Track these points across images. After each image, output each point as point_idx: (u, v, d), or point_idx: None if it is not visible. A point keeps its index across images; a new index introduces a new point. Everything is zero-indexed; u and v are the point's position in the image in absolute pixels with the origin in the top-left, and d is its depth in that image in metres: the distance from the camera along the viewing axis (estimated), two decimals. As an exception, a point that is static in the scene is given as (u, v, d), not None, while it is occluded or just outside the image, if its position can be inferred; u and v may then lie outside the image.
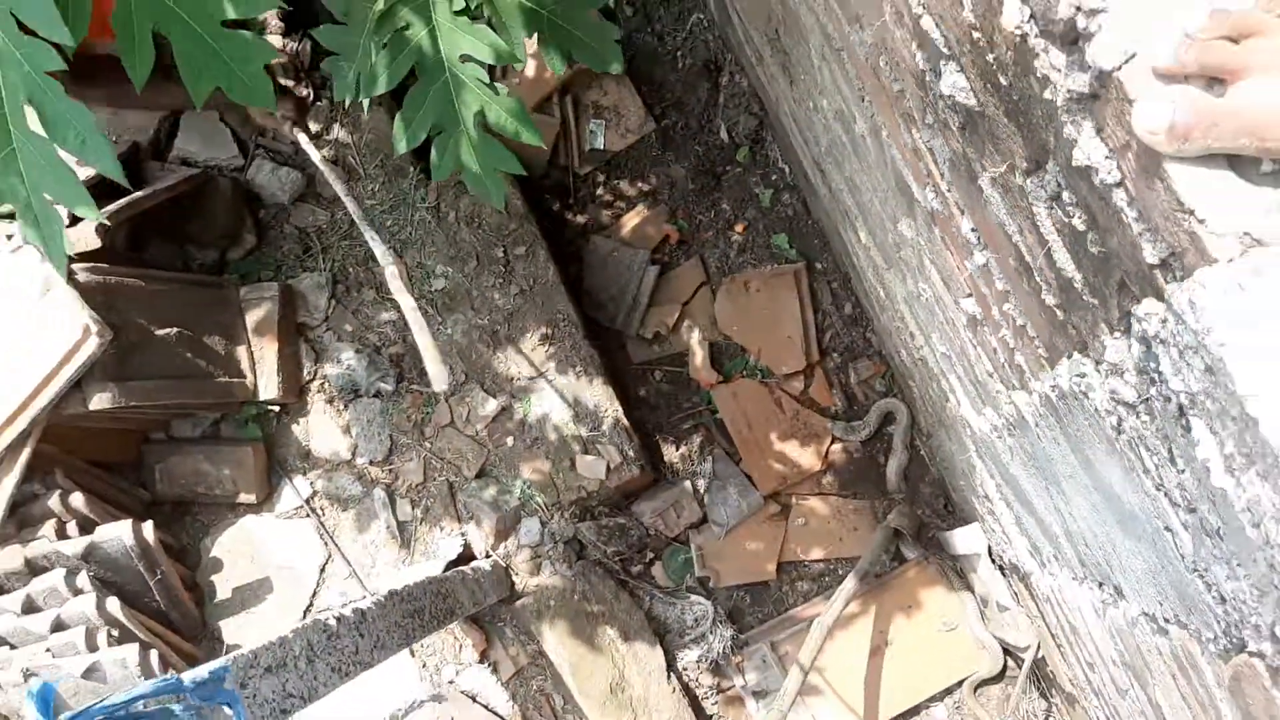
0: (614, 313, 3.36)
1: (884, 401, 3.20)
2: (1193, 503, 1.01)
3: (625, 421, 3.08)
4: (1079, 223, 0.99)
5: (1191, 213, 0.78)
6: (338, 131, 3.17)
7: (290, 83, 2.72)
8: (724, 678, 3.11)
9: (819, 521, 3.23)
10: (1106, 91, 0.81)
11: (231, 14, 1.40)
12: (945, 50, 1.12)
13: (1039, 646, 2.73)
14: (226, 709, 1.39)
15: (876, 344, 3.25)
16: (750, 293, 3.31)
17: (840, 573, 3.19)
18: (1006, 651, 2.99)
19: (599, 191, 3.47)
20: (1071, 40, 0.83)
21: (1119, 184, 0.86)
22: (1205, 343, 0.80)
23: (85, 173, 2.35)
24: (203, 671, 1.42)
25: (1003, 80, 1.00)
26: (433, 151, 1.96)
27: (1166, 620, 1.36)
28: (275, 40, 2.85)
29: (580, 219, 3.48)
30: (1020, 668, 2.86)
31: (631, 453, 3.03)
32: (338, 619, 1.95)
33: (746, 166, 3.41)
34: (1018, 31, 0.90)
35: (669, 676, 3.01)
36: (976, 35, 1.01)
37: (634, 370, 3.42)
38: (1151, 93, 0.77)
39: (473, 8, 1.83)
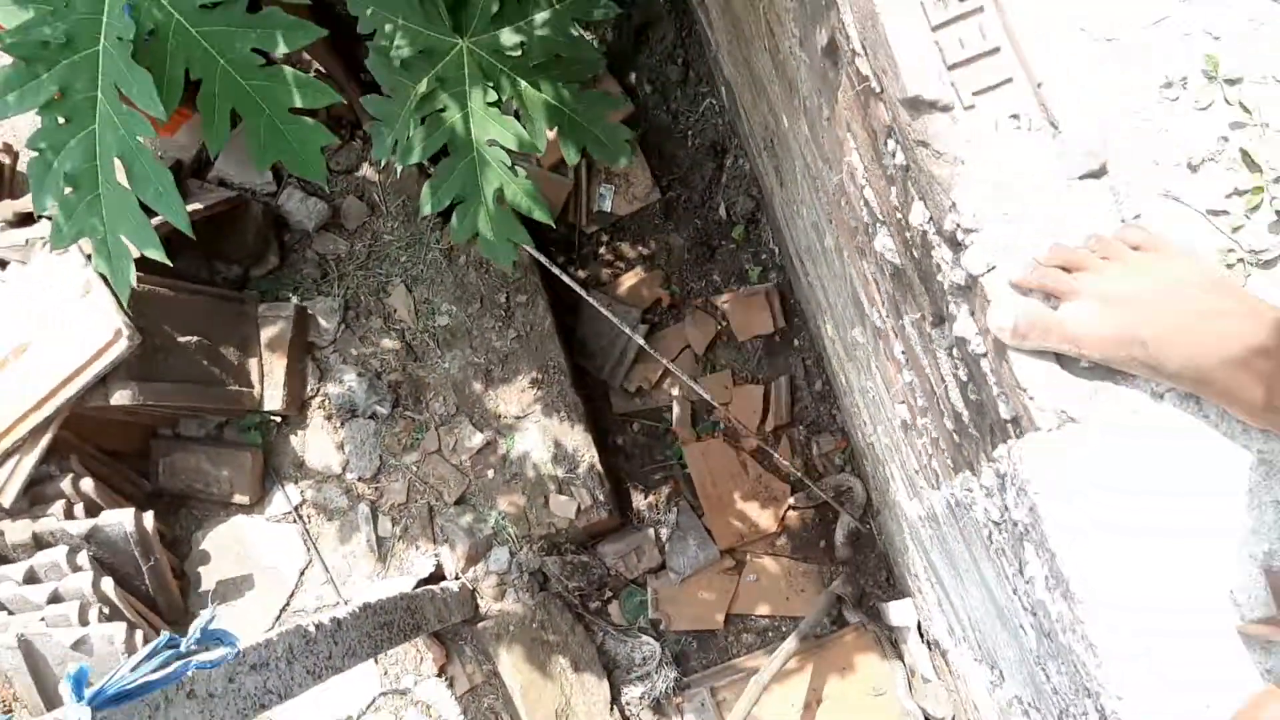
0: (602, 364, 3.61)
1: (841, 475, 3.44)
2: (1034, 608, 1.25)
3: (599, 467, 3.31)
4: (963, 375, 1.24)
5: (1025, 390, 1.02)
6: (365, 170, 3.43)
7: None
8: (664, 716, 3.32)
9: (769, 580, 3.45)
10: (975, 289, 1.06)
11: (298, 103, 1.65)
12: (880, 217, 1.37)
13: (953, 718, 2.95)
14: (218, 644, 1.62)
15: (840, 421, 3.50)
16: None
17: (784, 630, 3.42)
18: (928, 721, 3.21)
19: (601, 250, 3.73)
20: (956, 244, 1.08)
21: (984, 355, 1.11)
22: (1027, 490, 1.04)
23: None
24: (195, 629, 1.64)
25: (915, 254, 1.25)
26: (454, 217, 2.21)
27: (1029, 704, 1.60)
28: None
29: (581, 273, 3.73)
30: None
31: (602, 497, 3.27)
32: (317, 627, 2.17)
33: (740, 243, 3.67)
34: (920, 228, 1.15)
35: (612, 709, 3.23)
36: (899, 216, 1.26)
37: (614, 419, 3.67)
38: (1002, 299, 1.02)
39: (503, 100, 2.08)
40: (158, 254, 1.64)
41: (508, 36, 2.04)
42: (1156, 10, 1.12)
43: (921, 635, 3.02)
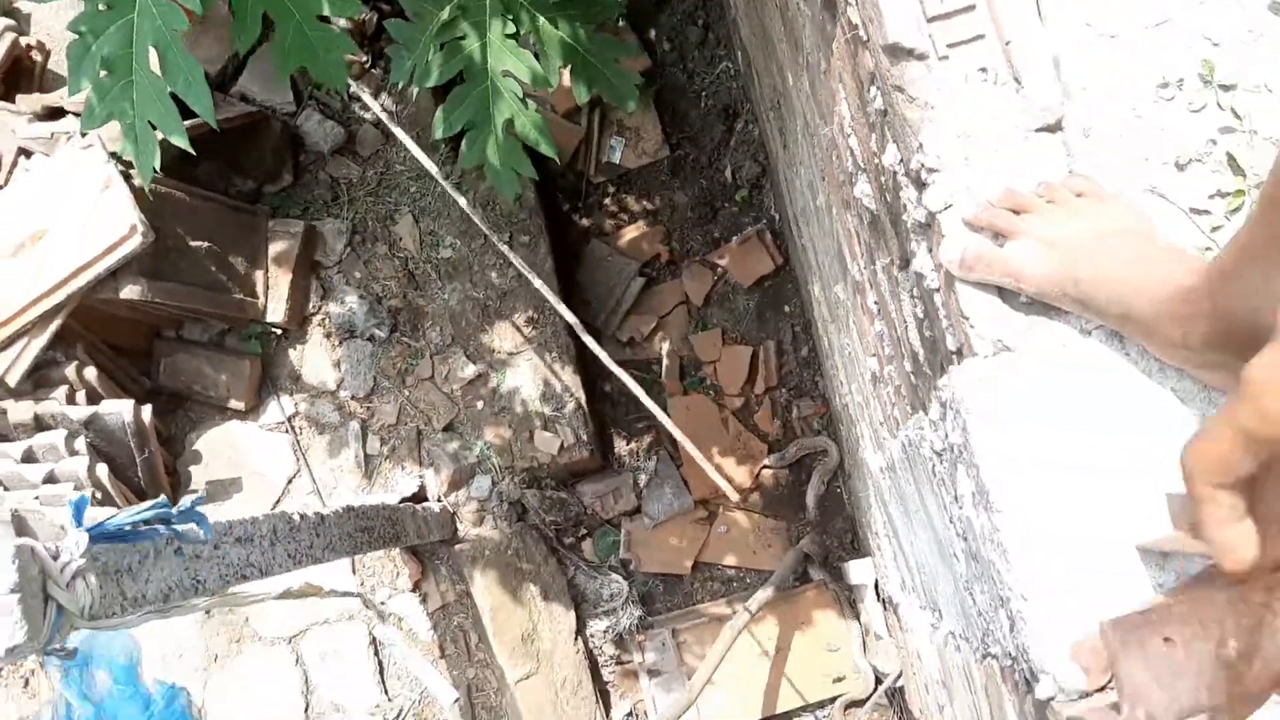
0: (597, 311, 3.71)
1: (818, 438, 3.55)
2: (964, 531, 1.36)
3: (585, 409, 3.42)
4: (919, 312, 1.34)
5: (968, 319, 1.13)
6: (384, 99, 3.52)
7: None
8: (625, 651, 3.45)
9: (739, 533, 3.57)
10: (933, 225, 1.16)
11: (326, 11, 1.74)
12: (861, 164, 1.47)
13: (900, 674, 3.08)
14: (195, 526, 1.72)
15: (822, 388, 3.60)
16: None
17: (748, 581, 3.54)
18: (878, 678, 3.34)
19: (607, 201, 3.82)
20: (921, 184, 1.18)
21: (937, 290, 1.21)
22: (960, 410, 1.15)
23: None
24: (186, 501, 1.75)
25: (888, 198, 1.35)
26: (464, 143, 2.30)
27: (960, 636, 1.71)
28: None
29: (585, 222, 3.82)
30: (888, 695, 3.21)
31: (585, 437, 3.37)
32: (301, 516, 2.28)
33: (742, 206, 3.76)
34: (892, 168, 1.25)
35: (576, 639, 3.35)
36: (876, 161, 1.36)
37: (604, 367, 3.76)
38: (955, 234, 1.12)
39: (521, 33, 2.17)
40: (182, 141, 1.74)
41: (532, -28, 2.13)
42: (1159, 13, 1.21)
43: (878, 594, 3.15)
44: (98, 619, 1.51)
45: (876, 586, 3.15)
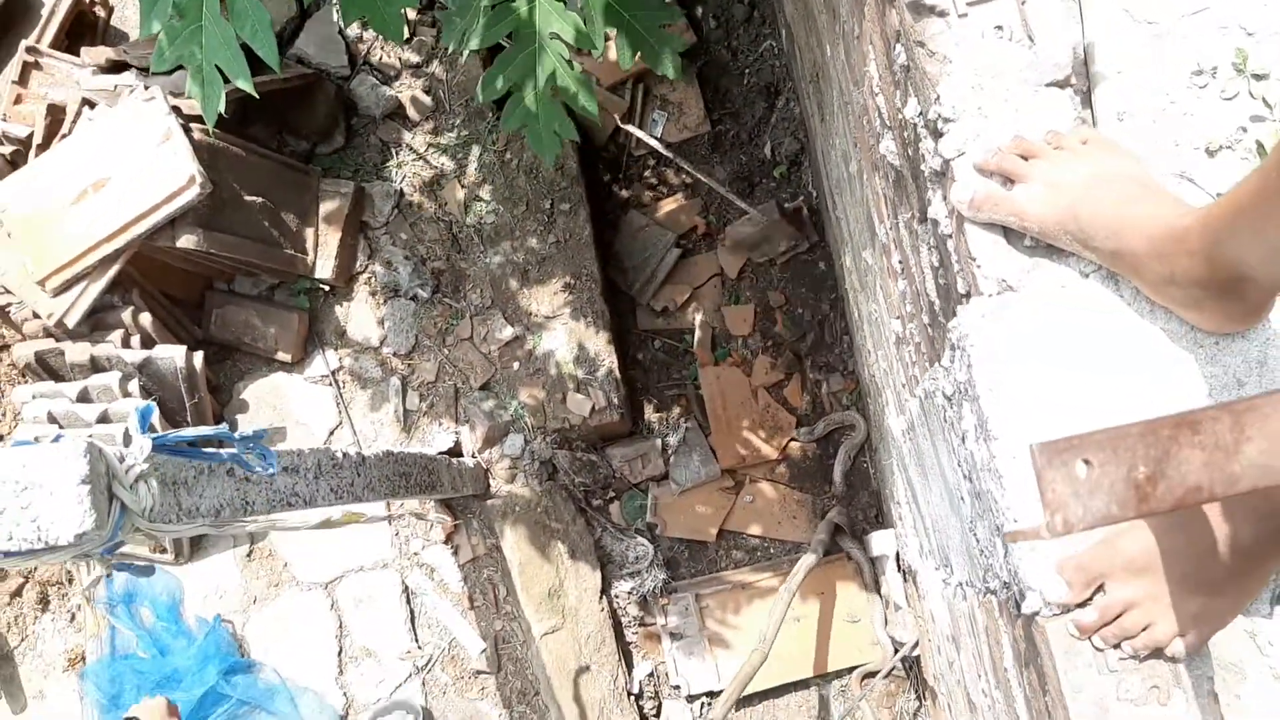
0: (633, 280, 3.79)
1: (846, 414, 3.62)
2: (969, 472, 1.43)
3: (618, 374, 3.50)
4: (935, 260, 1.41)
5: (975, 260, 1.20)
6: (435, 66, 3.62)
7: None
8: (648, 613, 3.54)
9: (764, 503, 3.65)
10: (948, 172, 1.23)
11: (387, -35, 1.84)
12: (887, 122, 1.54)
13: (916, 643, 3.14)
14: (261, 458, 1.82)
15: (852, 364, 3.67)
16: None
17: (772, 551, 3.62)
18: (895, 649, 3.40)
19: (646, 173, 3.90)
20: (937, 134, 1.25)
21: (950, 236, 1.29)
22: (965, 347, 1.22)
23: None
24: (248, 430, 1.85)
25: (909, 152, 1.42)
26: (507, 105, 2.39)
27: (966, 583, 1.78)
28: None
29: (624, 193, 3.91)
30: (904, 665, 3.28)
31: (616, 401, 3.46)
32: (344, 454, 2.39)
33: (780, 183, 3.83)
34: (912, 120, 1.32)
35: (601, 598, 3.45)
36: (899, 116, 1.43)
37: (637, 334, 3.86)
38: (966, 177, 1.19)
39: (569, -2, 2.25)
40: (247, 85, 1.84)
41: (580, -62, 2.21)
42: (1196, 1, 1.27)
43: (898, 565, 3.21)
44: (156, 523, 1.62)
45: (898, 558, 3.21)
